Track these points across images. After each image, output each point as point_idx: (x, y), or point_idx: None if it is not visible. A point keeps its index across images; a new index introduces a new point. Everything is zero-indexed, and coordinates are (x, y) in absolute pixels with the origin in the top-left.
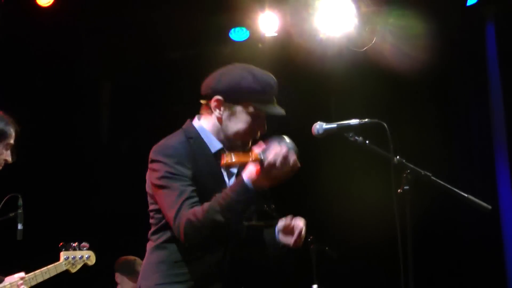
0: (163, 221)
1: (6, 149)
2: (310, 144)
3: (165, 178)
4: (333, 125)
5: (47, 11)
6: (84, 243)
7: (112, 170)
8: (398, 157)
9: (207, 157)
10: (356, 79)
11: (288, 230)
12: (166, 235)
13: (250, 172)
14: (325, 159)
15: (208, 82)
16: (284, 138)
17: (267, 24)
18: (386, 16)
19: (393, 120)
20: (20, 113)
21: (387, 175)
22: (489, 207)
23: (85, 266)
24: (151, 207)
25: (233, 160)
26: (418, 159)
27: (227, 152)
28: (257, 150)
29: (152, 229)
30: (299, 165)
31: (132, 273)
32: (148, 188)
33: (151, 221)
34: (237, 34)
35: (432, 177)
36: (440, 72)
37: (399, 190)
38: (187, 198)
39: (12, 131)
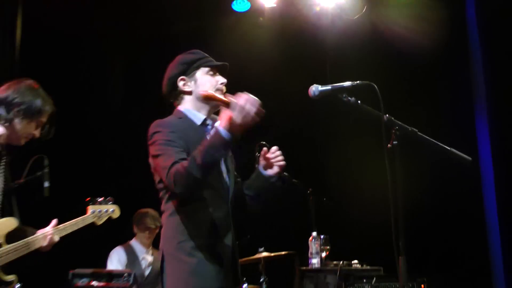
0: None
1: (37, 126)
2: (308, 107)
3: (161, 144)
4: (328, 87)
5: None
6: (109, 198)
7: (122, 134)
8: (387, 115)
9: (196, 128)
10: (349, 45)
11: (269, 163)
12: (176, 202)
13: (222, 121)
14: (323, 121)
15: (165, 81)
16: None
17: None
18: None
19: (382, 82)
20: (40, 83)
21: (378, 134)
22: (470, 158)
23: (109, 219)
24: (159, 185)
25: (211, 93)
26: (406, 119)
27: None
28: (230, 97)
29: (163, 201)
30: (263, 110)
31: (139, 223)
32: (152, 165)
33: (160, 195)
34: (239, 5)
35: (419, 133)
36: (424, 36)
37: (389, 145)
38: (178, 159)
39: (47, 110)
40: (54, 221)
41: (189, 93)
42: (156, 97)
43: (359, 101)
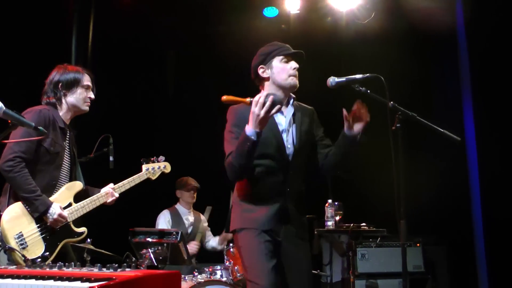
0: None
1: (87, 89)
2: (326, 96)
3: (227, 133)
4: (343, 78)
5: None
6: (161, 157)
7: (176, 116)
8: (392, 102)
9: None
10: (360, 44)
11: (352, 122)
12: None
13: (250, 120)
14: (338, 108)
15: (251, 69)
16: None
17: (292, 3)
18: None
19: (387, 74)
20: (109, 79)
21: (384, 118)
22: (459, 138)
23: (163, 174)
24: None
25: (230, 97)
26: (406, 105)
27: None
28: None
29: None
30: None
31: (185, 186)
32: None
33: None
34: (269, 12)
35: (417, 117)
36: (421, 36)
37: (393, 128)
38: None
39: (82, 76)
40: (111, 184)
41: (267, 79)
42: (202, 87)
43: (368, 91)
